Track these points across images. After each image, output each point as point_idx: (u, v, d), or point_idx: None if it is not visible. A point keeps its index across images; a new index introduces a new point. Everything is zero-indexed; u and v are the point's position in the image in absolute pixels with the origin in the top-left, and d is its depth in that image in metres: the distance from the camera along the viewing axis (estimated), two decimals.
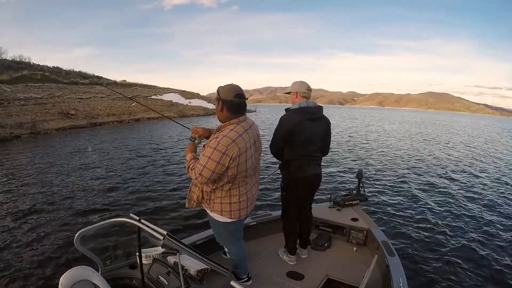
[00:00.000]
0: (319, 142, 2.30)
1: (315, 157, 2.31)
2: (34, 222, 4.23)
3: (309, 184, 2.37)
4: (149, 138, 13.15)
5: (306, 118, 2.20)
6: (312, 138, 2.23)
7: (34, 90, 20.93)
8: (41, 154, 9.41)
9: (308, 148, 2.24)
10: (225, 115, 1.73)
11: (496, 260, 3.52)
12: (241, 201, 1.81)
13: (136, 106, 24.57)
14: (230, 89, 1.72)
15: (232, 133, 1.66)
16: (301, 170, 2.27)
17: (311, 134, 2.22)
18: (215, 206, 1.80)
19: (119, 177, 6.63)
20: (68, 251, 3.35)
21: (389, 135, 18.21)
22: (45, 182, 6.22)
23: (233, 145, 1.62)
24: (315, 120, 2.25)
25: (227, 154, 1.61)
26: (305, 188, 2.37)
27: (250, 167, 1.77)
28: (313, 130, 2.23)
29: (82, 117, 18.44)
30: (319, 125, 2.29)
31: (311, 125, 2.22)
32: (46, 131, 14.64)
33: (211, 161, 1.61)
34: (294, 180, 2.31)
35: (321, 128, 2.29)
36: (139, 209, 4.75)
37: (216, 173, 1.63)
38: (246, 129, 1.73)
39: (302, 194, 2.40)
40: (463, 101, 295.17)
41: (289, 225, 2.48)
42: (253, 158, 1.77)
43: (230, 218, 1.82)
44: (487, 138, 20.42)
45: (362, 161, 9.25)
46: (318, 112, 2.27)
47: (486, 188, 6.75)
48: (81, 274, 1.61)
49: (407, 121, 35.07)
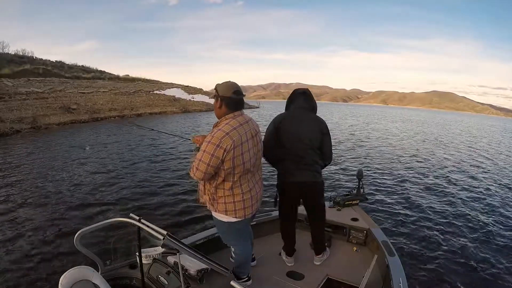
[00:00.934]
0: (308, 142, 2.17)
1: (306, 160, 2.18)
2: (33, 222, 4.20)
3: (302, 191, 2.28)
4: (150, 134, 13.09)
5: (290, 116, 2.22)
6: (299, 137, 2.15)
7: (35, 85, 20.90)
8: (40, 149, 9.41)
9: (297, 152, 2.16)
10: (223, 112, 1.77)
11: (497, 261, 3.53)
12: (245, 200, 1.81)
13: (138, 100, 24.55)
14: (228, 86, 1.77)
15: (226, 126, 1.69)
16: (289, 174, 2.21)
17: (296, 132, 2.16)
18: (219, 206, 1.80)
19: (119, 177, 6.62)
20: (68, 251, 3.35)
21: (390, 134, 18.11)
22: (44, 180, 6.21)
23: (226, 137, 1.65)
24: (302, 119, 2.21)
25: (221, 147, 1.63)
26: (297, 195, 2.30)
27: (249, 162, 1.76)
28: (299, 129, 2.16)
29: (84, 112, 18.42)
30: (309, 124, 2.20)
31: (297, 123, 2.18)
32: (47, 125, 14.63)
33: (205, 154, 1.64)
34: (283, 184, 2.27)
35: (310, 127, 2.19)
36: (139, 209, 4.74)
37: (211, 166, 1.65)
38: (241, 123, 1.75)
39: (294, 200, 2.34)
40: (467, 101, 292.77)
41: (282, 227, 2.47)
42: (251, 152, 1.77)
43: (235, 218, 1.81)
44: (492, 139, 20.22)
45: (362, 161, 9.23)
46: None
47: (488, 189, 6.72)
48: (81, 274, 1.61)
49: (410, 120, 34.69)
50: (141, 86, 30.74)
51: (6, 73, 21.67)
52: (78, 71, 30.14)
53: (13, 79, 20.69)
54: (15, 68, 23.26)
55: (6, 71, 21.92)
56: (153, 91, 30.05)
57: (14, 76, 21.53)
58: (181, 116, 22.69)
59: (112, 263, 1.99)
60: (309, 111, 2.26)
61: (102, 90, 24.60)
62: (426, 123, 32.73)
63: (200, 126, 17.01)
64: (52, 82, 22.83)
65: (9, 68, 22.99)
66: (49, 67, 27.09)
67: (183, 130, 14.97)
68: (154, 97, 27.75)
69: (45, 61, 30.21)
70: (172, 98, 29.33)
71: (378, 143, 13.61)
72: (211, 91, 2.37)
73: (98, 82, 27.19)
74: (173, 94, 30.97)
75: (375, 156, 10.13)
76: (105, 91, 24.62)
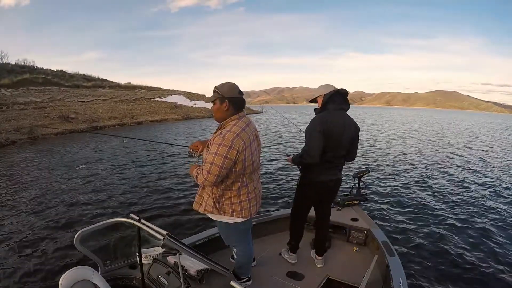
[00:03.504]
0: (346, 147, 2.23)
1: (337, 162, 2.26)
2: (33, 222, 4.24)
3: (328, 189, 2.32)
4: (149, 135, 12.97)
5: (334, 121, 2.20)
6: (341, 139, 2.18)
7: (34, 94, 20.94)
8: (38, 156, 9.46)
9: (336, 151, 2.20)
10: (229, 113, 1.75)
11: (497, 261, 3.51)
12: (251, 198, 1.82)
13: (139, 108, 24.55)
14: (232, 87, 1.75)
15: (236, 128, 1.68)
16: (320, 173, 2.23)
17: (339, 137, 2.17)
18: (225, 208, 1.78)
19: (119, 178, 6.65)
20: (68, 251, 3.36)
21: (391, 135, 18.05)
22: (43, 182, 6.24)
23: (238, 138, 1.64)
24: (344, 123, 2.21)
25: (234, 148, 1.61)
26: (322, 192, 2.33)
27: (256, 162, 1.80)
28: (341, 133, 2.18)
29: (83, 121, 18.30)
30: (349, 127, 2.22)
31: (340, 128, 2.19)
32: (44, 135, 14.26)
33: (218, 156, 1.60)
34: (312, 183, 2.29)
35: (351, 130, 2.22)
36: (139, 209, 4.75)
37: (225, 168, 1.62)
38: (247, 123, 1.77)
39: (317, 198, 2.38)
40: (471, 99, 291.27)
41: (296, 224, 2.48)
42: (256, 152, 1.80)
43: (241, 218, 1.81)
44: (496, 138, 19.80)
45: (362, 161, 9.20)
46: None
47: (490, 190, 6.66)
48: (81, 274, 1.61)
49: (414, 120, 34.29)
50: (142, 93, 30.82)
51: (5, 83, 21.72)
52: (79, 79, 30.18)
53: (11, 88, 20.73)
54: (14, 78, 23.29)
55: (5, 81, 21.97)
56: (154, 98, 30.10)
57: (13, 86, 21.59)
58: (182, 123, 22.67)
59: (112, 263, 1.99)
60: (345, 111, 2.27)
61: (102, 98, 24.66)
62: (429, 123, 32.34)
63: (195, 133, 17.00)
64: (52, 91, 22.92)
65: (8, 78, 23.05)
66: (49, 76, 27.17)
67: (186, 136, 14.94)
68: (155, 105, 27.75)
69: (46, 70, 30.35)
70: (173, 105, 29.33)
71: (378, 143, 13.58)
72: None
73: (99, 91, 27.29)
74: (174, 101, 30.99)
75: (375, 156, 10.12)
76: (105, 99, 24.68)
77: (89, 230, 1.71)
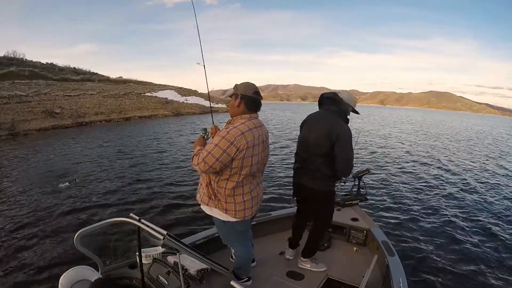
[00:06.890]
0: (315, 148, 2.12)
1: (309, 165, 2.16)
2: (33, 222, 4.16)
3: (301, 194, 2.35)
4: (148, 133, 12.69)
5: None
6: (307, 141, 2.18)
7: (20, 87, 20.08)
8: (36, 152, 9.22)
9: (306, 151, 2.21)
10: (240, 111, 1.78)
11: (498, 261, 3.58)
12: (246, 201, 1.81)
13: (128, 103, 24.04)
14: (249, 86, 1.81)
15: (242, 126, 1.70)
16: (295, 174, 2.32)
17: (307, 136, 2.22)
18: (220, 204, 1.80)
19: (119, 177, 6.55)
20: (68, 251, 3.32)
21: (390, 135, 17.97)
22: (43, 181, 6.09)
23: (241, 137, 1.66)
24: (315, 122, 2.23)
25: (235, 145, 1.64)
26: (297, 195, 2.40)
27: (256, 165, 1.79)
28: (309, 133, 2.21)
29: (68, 116, 17.65)
30: (320, 128, 2.12)
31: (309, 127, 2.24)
32: (26, 132, 13.65)
33: (217, 148, 1.63)
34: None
35: (320, 132, 2.10)
36: (139, 209, 4.70)
37: (220, 162, 1.64)
38: (256, 125, 1.78)
39: (299, 200, 2.45)
40: (464, 100, 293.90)
41: (295, 221, 2.55)
42: (259, 156, 1.80)
43: (234, 218, 1.81)
44: (492, 139, 20.09)
45: (362, 161, 9.21)
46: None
47: (490, 190, 6.74)
48: (81, 274, 1.60)
49: (409, 121, 34.65)
50: (132, 88, 29.96)
51: None
52: (68, 73, 29.20)
53: None
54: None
55: None
56: (144, 93, 29.30)
57: None
58: (172, 120, 22.32)
59: (112, 263, 1.96)
60: (331, 114, 2.14)
61: (90, 92, 23.92)
62: (425, 124, 32.64)
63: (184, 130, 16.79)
64: (38, 85, 22.10)
65: None
66: (36, 69, 26.20)
67: (179, 132, 14.73)
68: (145, 100, 27.07)
69: (35, 63, 29.22)
70: (164, 100, 28.76)
71: (377, 143, 13.57)
72: (206, 93, 2.34)
73: (87, 84, 26.47)
74: (165, 96, 30.29)
75: (375, 156, 10.15)
76: (93, 93, 23.94)
77: (89, 229, 1.68)
